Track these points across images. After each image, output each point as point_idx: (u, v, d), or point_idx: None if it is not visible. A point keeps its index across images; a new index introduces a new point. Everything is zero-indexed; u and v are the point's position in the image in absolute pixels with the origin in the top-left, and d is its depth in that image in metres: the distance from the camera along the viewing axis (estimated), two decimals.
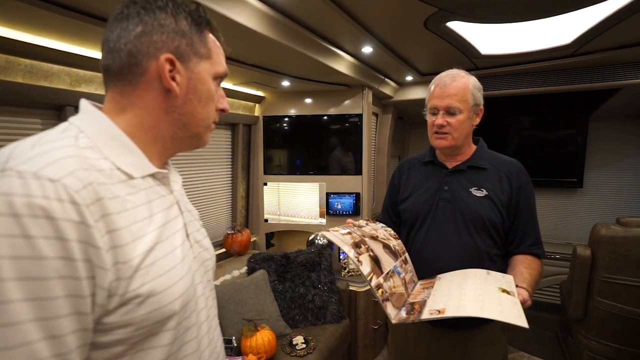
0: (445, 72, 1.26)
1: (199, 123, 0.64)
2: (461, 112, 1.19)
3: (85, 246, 0.46)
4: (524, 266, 1.14)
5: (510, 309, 0.85)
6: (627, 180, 3.68)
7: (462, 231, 1.21)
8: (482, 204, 1.20)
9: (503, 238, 1.23)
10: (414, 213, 1.30)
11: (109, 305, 0.49)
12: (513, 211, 1.21)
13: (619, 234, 2.20)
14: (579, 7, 1.63)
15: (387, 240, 1.16)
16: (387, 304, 0.96)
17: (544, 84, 2.80)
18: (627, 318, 2.20)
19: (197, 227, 0.72)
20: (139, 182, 0.58)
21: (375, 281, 0.96)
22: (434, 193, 1.28)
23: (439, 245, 1.23)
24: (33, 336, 0.42)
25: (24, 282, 0.42)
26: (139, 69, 0.57)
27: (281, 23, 1.61)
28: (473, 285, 1.00)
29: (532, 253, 1.20)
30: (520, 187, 1.22)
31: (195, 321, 0.63)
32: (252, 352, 1.84)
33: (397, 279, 1.05)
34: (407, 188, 1.37)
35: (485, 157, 1.28)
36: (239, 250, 2.62)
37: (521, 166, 1.26)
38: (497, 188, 1.21)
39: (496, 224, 1.20)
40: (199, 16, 0.62)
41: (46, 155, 0.47)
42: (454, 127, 1.19)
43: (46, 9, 1.15)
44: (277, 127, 2.97)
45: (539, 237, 1.23)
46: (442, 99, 1.20)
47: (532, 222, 1.23)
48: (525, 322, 0.80)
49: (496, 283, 1.00)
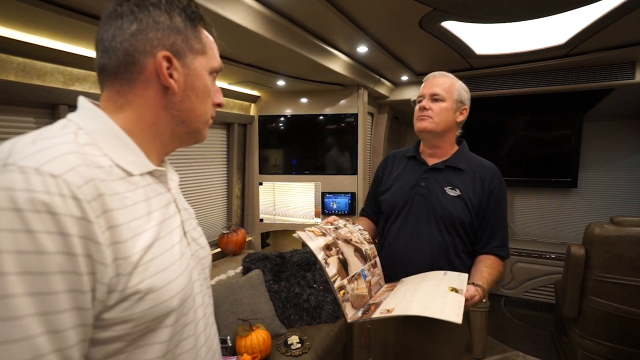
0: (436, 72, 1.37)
1: (197, 119, 0.64)
2: (444, 100, 1.28)
3: (87, 242, 0.46)
4: (484, 265, 1.23)
5: (451, 307, 0.94)
6: (620, 180, 3.71)
7: (432, 226, 1.28)
8: (454, 204, 1.27)
9: (471, 237, 1.30)
10: (391, 205, 1.37)
11: (108, 301, 0.49)
12: (482, 213, 1.28)
13: (612, 233, 2.22)
14: (572, 8, 1.64)
15: (360, 244, 1.22)
16: (346, 304, 1.04)
17: (539, 84, 2.81)
18: (621, 317, 2.22)
19: (193, 225, 0.72)
20: (137, 180, 0.58)
21: (338, 283, 1.04)
22: (411, 187, 1.35)
23: (411, 238, 1.31)
24: (34, 330, 0.42)
25: (26, 276, 0.42)
26: (136, 67, 0.57)
27: (276, 22, 1.61)
28: (427, 287, 1.09)
29: (496, 254, 1.27)
30: (492, 191, 1.28)
31: (192, 318, 0.63)
32: (247, 352, 1.84)
33: (362, 282, 1.12)
34: (388, 180, 1.44)
35: (464, 159, 1.35)
36: (235, 249, 2.61)
37: (497, 171, 1.33)
38: (471, 190, 1.28)
39: (465, 223, 1.26)
40: (192, 12, 0.62)
41: (48, 151, 0.47)
42: (436, 112, 1.28)
43: (39, 7, 1.15)
44: (273, 127, 2.97)
45: (505, 240, 1.30)
46: (429, 87, 1.31)
47: (500, 225, 1.29)
48: (458, 319, 0.89)
49: (449, 283, 1.08)
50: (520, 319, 3.45)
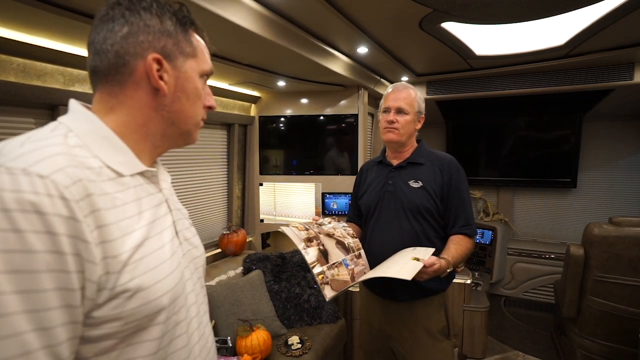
0: (398, 83, 1.55)
1: (188, 121, 0.65)
2: (408, 114, 1.46)
3: (75, 240, 0.47)
4: (452, 243, 1.38)
5: (407, 270, 1.12)
6: (620, 180, 3.71)
7: (402, 217, 1.44)
8: (418, 194, 1.43)
9: (440, 222, 1.45)
10: (367, 205, 1.55)
11: (98, 299, 0.50)
12: (445, 198, 1.43)
13: (611, 233, 2.23)
14: (571, 9, 1.64)
15: (343, 238, 1.37)
16: (325, 286, 1.19)
17: (538, 84, 2.82)
18: (620, 316, 2.22)
19: (186, 225, 0.73)
20: (128, 180, 0.59)
21: (318, 269, 1.20)
22: (381, 187, 1.52)
23: (385, 231, 1.47)
24: (23, 327, 0.43)
25: (14, 274, 0.43)
26: (127, 69, 0.58)
27: (276, 23, 1.61)
28: (395, 258, 1.29)
29: (462, 233, 1.42)
30: (450, 177, 1.43)
31: (185, 316, 0.64)
32: (247, 352, 1.84)
33: (343, 269, 1.26)
34: (364, 186, 1.62)
35: (423, 154, 1.51)
36: (235, 250, 2.61)
37: (453, 160, 1.49)
38: (432, 180, 1.44)
39: (431, 210, 1.42)
40: (183, 16, 0.63)
41: (36, 153, 0.48)
42: (401, 124, 1.45)
43: (39, 8, 1.15)
44: (273, 127, 2.97)
45: (470, 218, 1.43)
46: (395, 101, 1.47)
47: (462, 206, 1.43)
48: (408, 277, 1.07)
49: (413, 254, 1.26)
50: (519, 318, 3.46)
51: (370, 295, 1.56)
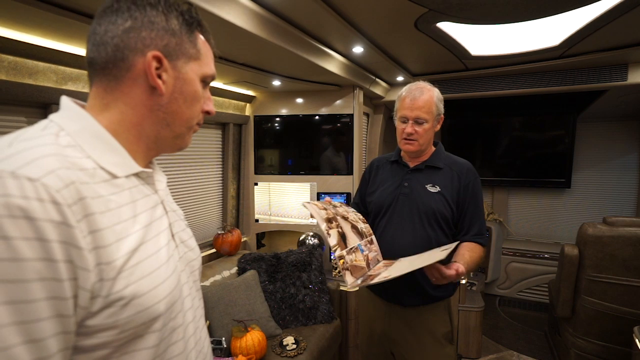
0: (414, 84, 1.43)
1: (182, 123, 0.63)
2: (427, 121, 1.38)
3: (67, 247, 0.45)
4: (466, 249, 1.34)
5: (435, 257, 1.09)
6: (613, 180, 3.74)
7: (416, 222, 1.40)
8: (435, 199, 1.39)
9: (453, 230, 1.42)
10: (378, 205, 1.48)
11: (92, 307, 0.48)
12: (461, 205, 1.40)
13: (605, 233, 2.24)
14: (566, 10, 1.65)
15: (356, 222, 1.34)
16: (346, 272, 1.13)
17: (533, 85, 2.83)
18: (613, 316, 2.24)
19: (182, 227, 0.71)
20: (122, 182, 0.56)
21: (339, 252, 1.14)
22: (396, 188, 1.47)
23: (396, 233, 1.42)
24: (12, 340, 0.40)
25: (3, 284, 0.40)
26: (125, 64, 0.56)
27: (272, 22, 1.60)
28: (423, 257, 1.21)
29: (475, 241, 1.39)
30: (467, 185, 1.40)
31: (181, 322, 0.62)
32: (242, 353, 1.83)
33: (359, 255, 1.21)
34: (374, 183, 1.56)
35: (441, 158, 1.47)
36: (230, 250, 2.60)
37: (471, 167, 1.45)
38: (449, 185, 1.40)
39: (446, 217, 1.38)
40: (191, 17, 0.61)
41: (24, 154, 0.45)
42: (420, 135, 1.39)
43: (31, 5, 1.13)
44: (268, 127, 2.96)
45: (483, 228, 1.42)
46: (412, 110, 1.38)
47: (477, 215, 1.41)
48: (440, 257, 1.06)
49: (438, 249, 1.23)
50: (514, 318, 3.47)
51: (375, 299, 1.51)
